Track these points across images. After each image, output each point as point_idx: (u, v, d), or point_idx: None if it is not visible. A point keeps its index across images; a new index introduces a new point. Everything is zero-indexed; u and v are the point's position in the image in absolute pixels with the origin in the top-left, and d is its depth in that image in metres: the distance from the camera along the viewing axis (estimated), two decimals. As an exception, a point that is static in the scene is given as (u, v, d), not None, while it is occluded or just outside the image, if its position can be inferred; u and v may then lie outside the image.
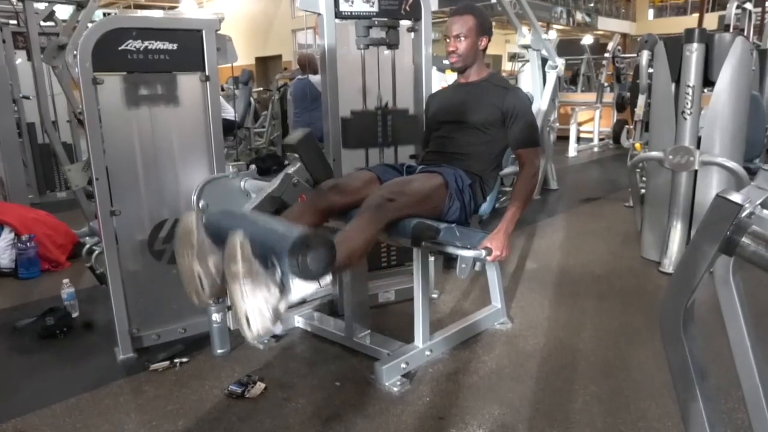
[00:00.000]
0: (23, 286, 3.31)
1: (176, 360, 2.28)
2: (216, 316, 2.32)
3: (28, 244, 3.41)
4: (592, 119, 8.30)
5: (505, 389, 2.04)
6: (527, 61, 5.01)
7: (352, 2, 2.44)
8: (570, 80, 11.00)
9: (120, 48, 2.13)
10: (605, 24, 19.92)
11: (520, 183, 2.11)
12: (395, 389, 2.04)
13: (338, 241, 1.68)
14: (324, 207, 1.94)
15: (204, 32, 2.28)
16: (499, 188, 2.30)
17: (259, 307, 1.40)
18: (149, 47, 2.18)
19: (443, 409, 1.94)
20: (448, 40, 2.20)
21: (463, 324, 2.45)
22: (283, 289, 1.48)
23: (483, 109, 2.15)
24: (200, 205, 2.16)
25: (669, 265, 3.17)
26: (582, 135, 8.57)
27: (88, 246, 2.81)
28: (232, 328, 2.51)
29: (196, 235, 1.53)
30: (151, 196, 2.34)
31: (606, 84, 9.10)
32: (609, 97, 8.44)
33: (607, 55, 8.16)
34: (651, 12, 22.29)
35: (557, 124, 5.27)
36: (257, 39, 16.83)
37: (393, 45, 2.58)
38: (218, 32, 2.32)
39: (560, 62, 4.81)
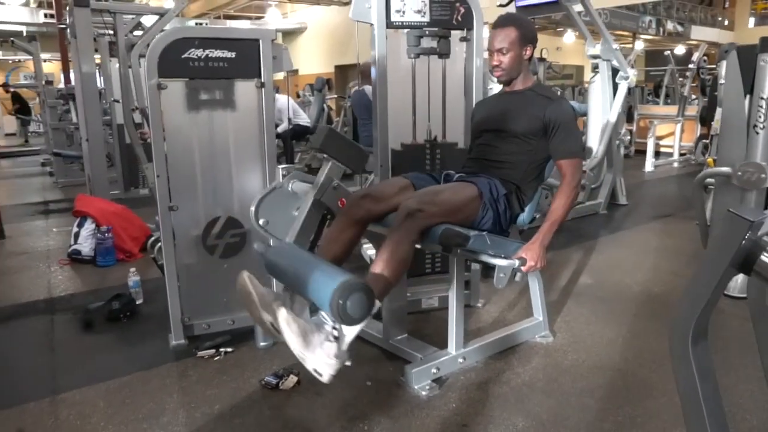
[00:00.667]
0: (100, 273, 3.60)
1: (222, 349, 2.41)
2: (260, 311, 2.43)
3: (106, 234, 3.71)
4: (673, 133, 7.89)
5: (534, 402, 2.01)
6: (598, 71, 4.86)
7: (404, 12, 2.50)
8: (653, 92, 10.54)
9: (183, 56, 2.30)
10: (699, 33, 18.84)
11: (560, 195, 2.08)
12: (423, 393, 2.06)
13: (374, 273, 1.78)
14: (361, 216, 2.03)
15: (261, 42, 2.41)
16: (539, 199, 2.27)
17: (322, 360, 1.60)
18: (209, 55, 2.33)
19: (468, 416, 1.94)
20: (491, 55, 2.20)
21: (501, 334, 2.44)
22: (338, 335, 1.65)
23: (524, 118, 2.14)
24: (261, 223, 2.26)
25: (734, 288, 2.98)
26: (663, 149, 8.18)
27: (152, 239, 3.02)
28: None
29: (253, 292, 1.74)
30: (207, 194, 2.49)
31: (694, 97, 8.66)
32: (693, 110, 8.02)
33: (691, 66, 7.75)
34: (752, 20, 20.82)
35: (628, 137, 5.06)
36: (337, 48, 17.27)
37: (444, 54, 2.61)
38: (274, 41, 2.45)
39: (632, 73, 4.64)
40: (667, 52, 9.08)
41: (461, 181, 2.10)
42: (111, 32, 5.18)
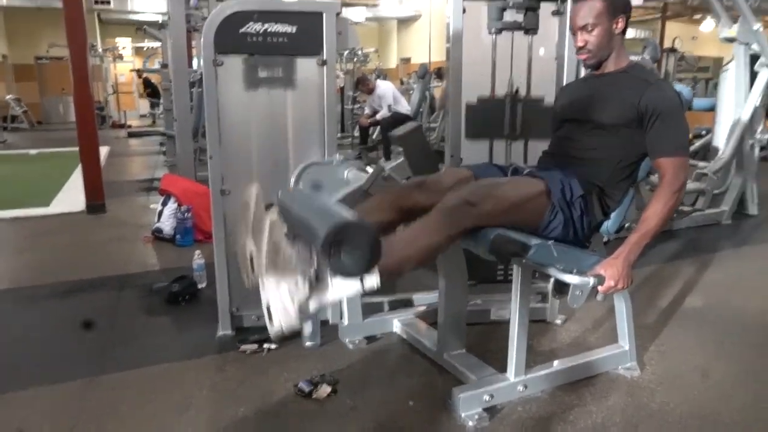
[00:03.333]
0: (177, 252, 3.64)
1: (265, 345, 2.27)
2: (307, 307, 2.25)
3: (186, 214, 3.74)
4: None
5: (604, 452, 1.65)
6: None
7: (484, -19, 2.18)
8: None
9: (241, 31, 2.16)
10: None
11: (656, 200, 1.68)
12: (470, 423, 1.78)
13: (394, 240, 1.50)
14: (407, 205, 1.74)
15: (324, 15, 2.21)
16: (630, 203, 1.87)
17: (282, 300, 1.31)
18: (268, 30, 2.18)
19: (518, 458, 1.63)
20: (574, 34, 1.82)
21: (576, 361, 2.08)
22: (316, 284, 1.36)
23: (614, 105, 1.74)
24: (299, 187, 2.10)
25: None
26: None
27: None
28: (331, 322, 2.46)
29: (252, 209, 1.45)
30: (262, 178, 2.33)
31: None
32: None
33: None
34: None
35: (765, 136, 4.31)
36: (450, 36, 16.97)
37: (531, 30, 2.26)
38: (339, 15, 2.24)
39: (776, 59, 3.92)
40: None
41: (528, 176, 1.75)
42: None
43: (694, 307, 2.72)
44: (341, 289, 1.37)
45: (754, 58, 4.08)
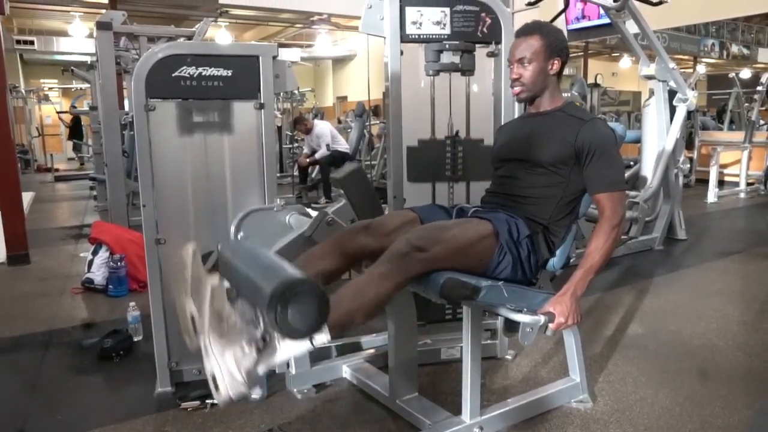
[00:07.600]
0: (109, 303, 3.43)
1: (208, 401, 2.14)
2: (252, 358, 2.15)
3: (119, 263, 3.55)
4: (738, 161, 7.26)
5: (563, 492, 1.63)
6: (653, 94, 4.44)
7: (420, 24, 2.22)
8: (716, 117, 9.89)
9: (174, 74, 2.09)
10: (767, 56, 17.80)
11: (597, 236, 1.71)
12: (428, 471, 1.72)
13: (342, 293, 1.45)
14: (353, 250, 1.70)
15: (260, 58, 2.18)
16: (574, 238, 1.90)
17: (228, 368, 1.24)
18: (203, 74, 2.12)
19: (479, 507, 1.58)
20: (510, 67, 1.87)
21: (530, 398, 2.06)
22: (264, 347, 1.30)
23: (553, 144, 1.78)
24: (238, 237, 2.02)
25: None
26: (727, 179, 7.55)
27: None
28: (278, 371, 2.35)
29: (190, 269, 1.37)
30: (200, 225, 2.26)
31: (763, 122, 8.02)
32: (762, 136, 7.38)
33: (760, 88, 7.12)
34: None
35: (687, 165, 4.58)
36: (386, 74, 17.30)
37: (467, 71, 2.32)
38: (276, 58, 2.21)
39: (691, 95, 4.19)
40: (732, 75, 8.47)
41: (475, 218, 1.75)
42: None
43: (637, 335, 2.78)
44: (290, 349, 1.32)
45: (672, 94, 4.35)
